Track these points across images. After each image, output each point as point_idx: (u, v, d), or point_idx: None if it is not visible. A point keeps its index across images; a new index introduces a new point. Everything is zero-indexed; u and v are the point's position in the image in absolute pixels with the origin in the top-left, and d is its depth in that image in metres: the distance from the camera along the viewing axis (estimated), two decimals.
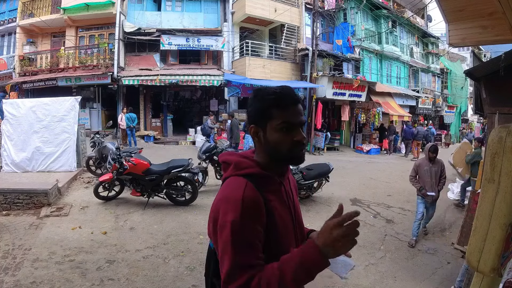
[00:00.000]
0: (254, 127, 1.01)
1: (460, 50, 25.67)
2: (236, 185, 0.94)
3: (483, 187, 1.16)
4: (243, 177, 0.96)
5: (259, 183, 0.95)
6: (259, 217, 0.90)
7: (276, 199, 0.99)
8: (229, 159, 1.05)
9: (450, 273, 3.59)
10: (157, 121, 13.99)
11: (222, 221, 0.88)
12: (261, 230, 0.90)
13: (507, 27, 2.48)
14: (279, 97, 0.98)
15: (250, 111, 1.02)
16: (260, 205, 0.91)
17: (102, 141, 7.03)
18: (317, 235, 0.87)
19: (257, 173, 0.98)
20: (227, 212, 0.88)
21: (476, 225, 1.17)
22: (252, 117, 1.02)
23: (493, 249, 1.10)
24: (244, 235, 0.86)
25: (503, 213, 1.09)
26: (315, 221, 5.01)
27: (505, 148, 1.08)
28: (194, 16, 13.83)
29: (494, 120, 3.62)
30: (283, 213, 1.00)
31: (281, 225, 0.96)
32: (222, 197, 0.94)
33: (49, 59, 13.51)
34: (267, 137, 0.99)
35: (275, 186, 1.02)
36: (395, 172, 9.69)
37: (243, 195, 0.89)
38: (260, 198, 0.92)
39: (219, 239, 0.89)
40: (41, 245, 3.80)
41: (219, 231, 0.89)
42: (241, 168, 0.99)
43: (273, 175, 1.01)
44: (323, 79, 12.98)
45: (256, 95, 1.02)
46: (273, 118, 0.97)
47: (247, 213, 0.87)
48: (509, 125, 1.11)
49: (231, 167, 1.02)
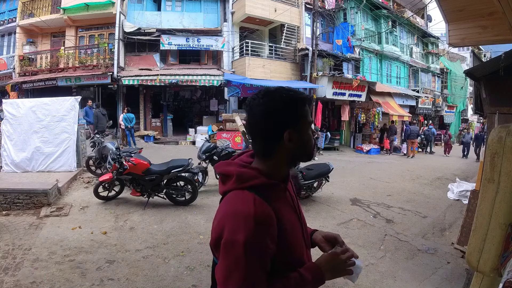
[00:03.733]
0: (292, 132, 0.91)
1: (460, 50, 25.66)
2: (244, 200, 0.86)
3: (483, 187, 1.16)
4: (248, 190, 0.88)
5: (266, 194, 0.89)
6: (272, 233, 0.85)
7: (283, 206, 0.94)
8: (228, 171, 0.94)
9: (450, 273, 3.59)
10: (157, 121, 13.99)
11: (231, 240, 0.81)
12: (273, 247, 0.85)
13: (507, 27, 2.48)
14: (305, 97, 0.95)
15: (280, 115, 0.91)
16: (273, 220, 0.86)
17: (102, 141, 7.03)
18: (324, 263, 0.96)
19: (263, 184, 0.90)
20: (238, 231, 0.81)
21: (476, 225, 1.17)
22: (285, 122, 0.91)
23: (493, 249, 1.10)
24: (257, 256, 0.82)
25: (503, 213, 1.09)
26: (315, 221, 5.01)
27: (505, 148, 1.08)
28: (194, 16, 13.83)
29: (494, 120, 3.62)
30: (292, 219, 0.97)
31: (291, 233, 0.93)
32: (228, 212, 0.86)
33: (49, 59, 13.52)
34: (301, 139, 0.94)
35: (281, 193, 0.97)
36: (395, 172, 9.69)
37: (255, 211, 0.82)
38: (271, 212, 0.86)
39: (225, 259, 0.83)
40: (41, 245, 3.80)
41: (225, 249, 0.82)
42: (245, 180, 0.90)
43: (278, 182, 0.95)
44: (323, 79, 12.98)
45: (281, 97, 0.92)
46: (303, 118, 0.94)
47: (260, 231, 0.81)
48: (509, 125, 1.11)
49: (232, 180, 0.92)
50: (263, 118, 0.92)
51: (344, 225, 4.92)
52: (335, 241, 1.04)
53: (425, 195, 7.06)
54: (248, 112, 0.96)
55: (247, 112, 0.96)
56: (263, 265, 0.84)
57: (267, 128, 0.92)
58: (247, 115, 0.97)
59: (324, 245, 1.06)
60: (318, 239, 1.08)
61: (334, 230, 4.71)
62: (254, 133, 0.95)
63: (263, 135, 0.93)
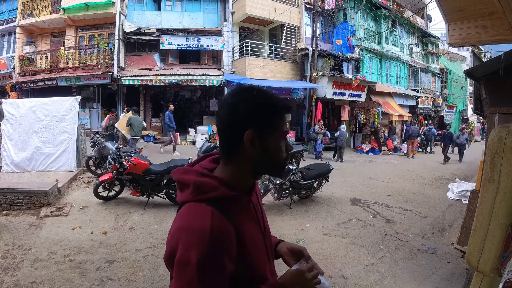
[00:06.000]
0: (253, 131, 0.82)
1: (460, 50, 25.66)
2: (199, 214, 0.78)
3: (483, 187, 1.16)
4: (206, 203, 0.80)
5: (226, 207, 0.80)
6: (229, 250, 0.78)
7: (245, 220, 0.86)
8: (185, 179, 0.85)
9: (450, 273, 3.59)
10: (157, 121, 13.99)
11: (184, 257, 0.74)
12: (230, 265, 0.78)
13: (507, 27, 2.48)
14: (282, 104, 0.87)
15: (248, 110, 0.83)
16: (231, 236, 0.78)
17: (102, 141, 7.03)
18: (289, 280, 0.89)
19: (223, 196, 0.82)
20: (190, 247, 0.74)
21: (476, 224, 1.17)
22: (251, 119, 0.83)
23: (493, 249, 1.10)
24: (211, 274, 0.75)
25: (503, 212, 1.09)
26: (315, 221, 5.01)
27: (505, 148, 1.08)
28: (194, 16, 13.82)
29: (494, 120, 3.63)
30: (254, 233, 0.89)
31: (252, 249, 0.85)
32: (181, 226, 0.78)
33: (49, 59, 13.52)
34: (267, 147, 0.85)
35: (243, 205, 0.88)
36: (395, 172, 9.70)
37: (211, 228, 0.75)
38: (230, 228, 0.78)
39: (179, 279, 0.76)
40: (41, 245, 3.80)
41: (178, 269, 0.76)
42: (203, 192, 0.81)
43: (241, 194, 0.86)
44: (323, 79, 12.98)
45: (256, 95, 0.86)
46: (279, 123, 0.87)
47: (215, 248, 0.74)
48: (509, 125, 1.11)
49: (189, 190, 0.83)
50: (224, 113, 0.85)
51: (344, 225, 4.93)
52: (301, 254, 0.99)
53: (425, 195, 7.06)
54: (218, 105, 0.89)
55: (218, 104, 0.90)
56: (219, 285, 0.77)
57: (227, 124, 0.85)
58: (218, 107, 0.90)
59: (288, 258, 1.00)
60: (283, 251, 1.03)
61: (334, 230, 4.71)
62: (219, 126, 0.88)
63: (224, 132, 0.86)
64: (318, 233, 4.56)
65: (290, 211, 5.41)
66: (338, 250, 4.03)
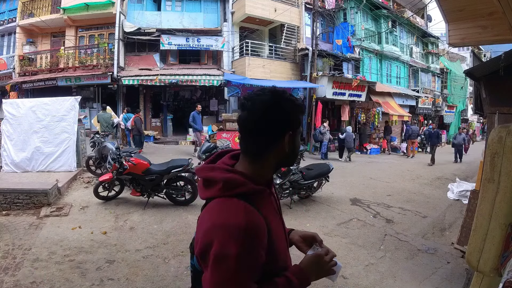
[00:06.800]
0: (292, 135, 0.91)
1: (460, 50, 25.66)
2: (233, 209, 0.82)
3: (483, 187, 1.16)
4: (236, 198, 0.84)
5: (254, 201, 0.85)
6: (263, 242, 0.83)
7: (270, 212, 0.92)
8: (213, 177, 0.88)
9: (450, 273, 3.59)
10: (157, 121, 14.00)
11: (223, 252, 0.77)
12: (263, 254, 0.83)
13: (507, 27, 2.48)
14: (303, 105, 0.99)
15: (286, 115, 0.89)
16: (264, 229, 0.83)
17: (102, 141, 7.03)
18: (309, 265, 0.95)
19: (251, 191, 0.86)
20: (228, 242, 0.77)
21: (476, 224, 1.17)
22: (289, 123, 0.90)
23: (493, 249, 1.10)
24: (249, 268, 0.80)
25: (503, 213, 1.09)
26: (315, 221, 5.01)
27: (505, 148, 1.08)
28: (194, 16, 13.83)
29: (494, 120, 3.63)
30: (277, 224, 0.95)
31: (278, 239, 0.91)
32: (218, 223, 0.80)
33: (49, 59, 13.52)
34: (296, 143, 0.95)
35: (267, 198, 0.94)
36: (395, 172, 9.70)
37: (247, 222, 0.79)
38: (262, 221, 0.83)
39: (216, 271, 0.79)
40: (41, 245, 3.80)
41: (215, 262, 0.78)
42: (233, 187, 0.85)
43: (264, 187, 0.92)
44: (323, 79, 12.98)
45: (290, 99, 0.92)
46: (300, 125, 0.96)
47: (252, 242, 0.79)
48: (509, 125, 1.11)
49: (218, 187, 0.86)
50: (267, 114, 0.87)
51: (344, 225, 4.92)
52: (313, 240, 1.05)
53: (425, 195, 7.06)
54: (247, 107, 0.89)
55: (245, 106, 0.90)
56: (254, 276, 0.82)
57: (268, 126, 0.88)
58: (244, 109, 0.90)
59: (302, 245, 1.06)
60: (295, 239, 1.08)
61: (334, 230, 4.71)
62: (250, 129, 0.90)
63: (261, 133, 0.89)
64: (318, 233, 4.47)
65: (290, 211, 5.41)
66: (338, 250, 4.02)
